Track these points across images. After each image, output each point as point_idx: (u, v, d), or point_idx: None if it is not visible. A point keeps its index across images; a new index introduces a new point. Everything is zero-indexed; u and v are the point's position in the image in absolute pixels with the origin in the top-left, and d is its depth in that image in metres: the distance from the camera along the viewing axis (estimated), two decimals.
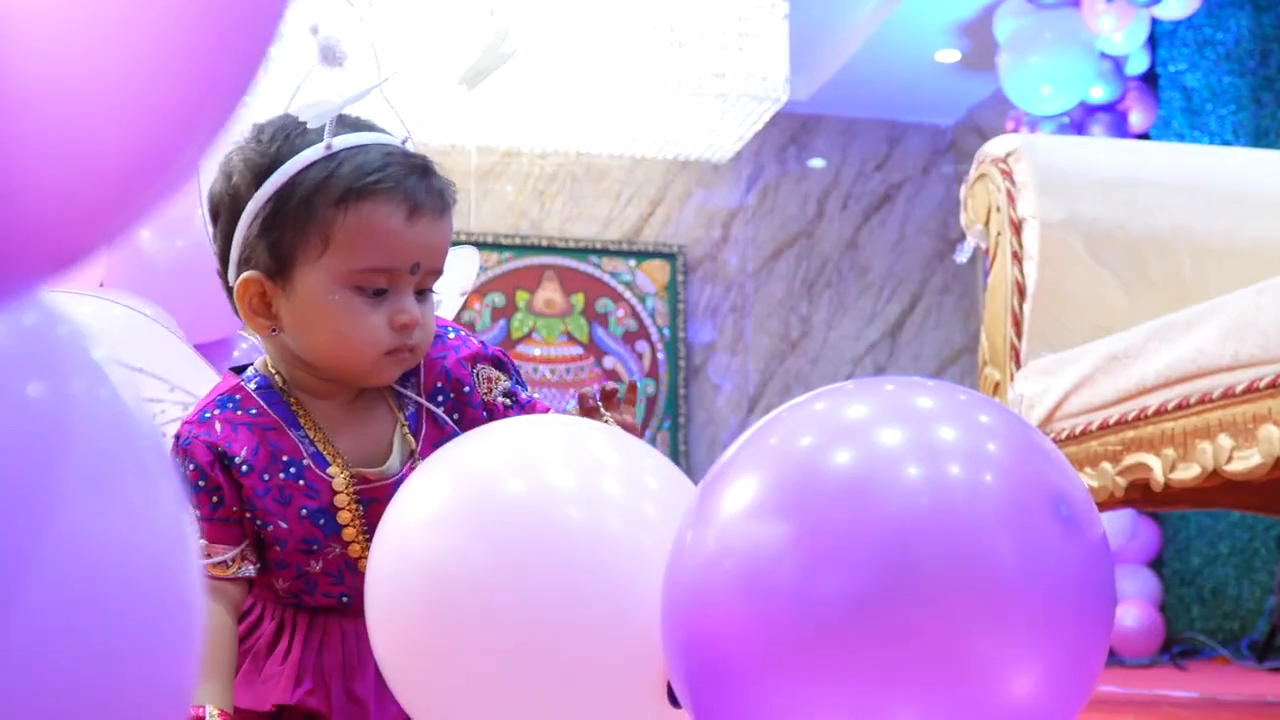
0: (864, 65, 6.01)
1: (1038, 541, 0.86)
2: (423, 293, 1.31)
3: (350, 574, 1.34)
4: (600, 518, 1.09)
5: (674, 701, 1.03)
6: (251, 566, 1.32)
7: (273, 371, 1.36)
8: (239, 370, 1.39)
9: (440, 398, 1.38)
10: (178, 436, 1.31)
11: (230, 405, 1.33)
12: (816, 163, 6.65)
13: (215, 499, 1.29)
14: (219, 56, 0.40)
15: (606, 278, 6.27)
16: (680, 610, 0.94)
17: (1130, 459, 2.21)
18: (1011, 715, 0.84)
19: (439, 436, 1.36)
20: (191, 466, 1.29)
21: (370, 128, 1.31)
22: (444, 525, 1.10)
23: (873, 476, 0.86)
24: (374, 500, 1.33)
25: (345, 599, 1.35)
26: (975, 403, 0.94)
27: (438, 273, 1.32)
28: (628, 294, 6.28)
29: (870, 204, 6.68)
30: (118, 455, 0.52)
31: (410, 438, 1.36)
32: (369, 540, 1.32)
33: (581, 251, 6.26)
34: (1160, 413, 2.13)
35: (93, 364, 0.56)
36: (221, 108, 0.41)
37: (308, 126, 1.26)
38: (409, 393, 1.37)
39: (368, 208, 1.25)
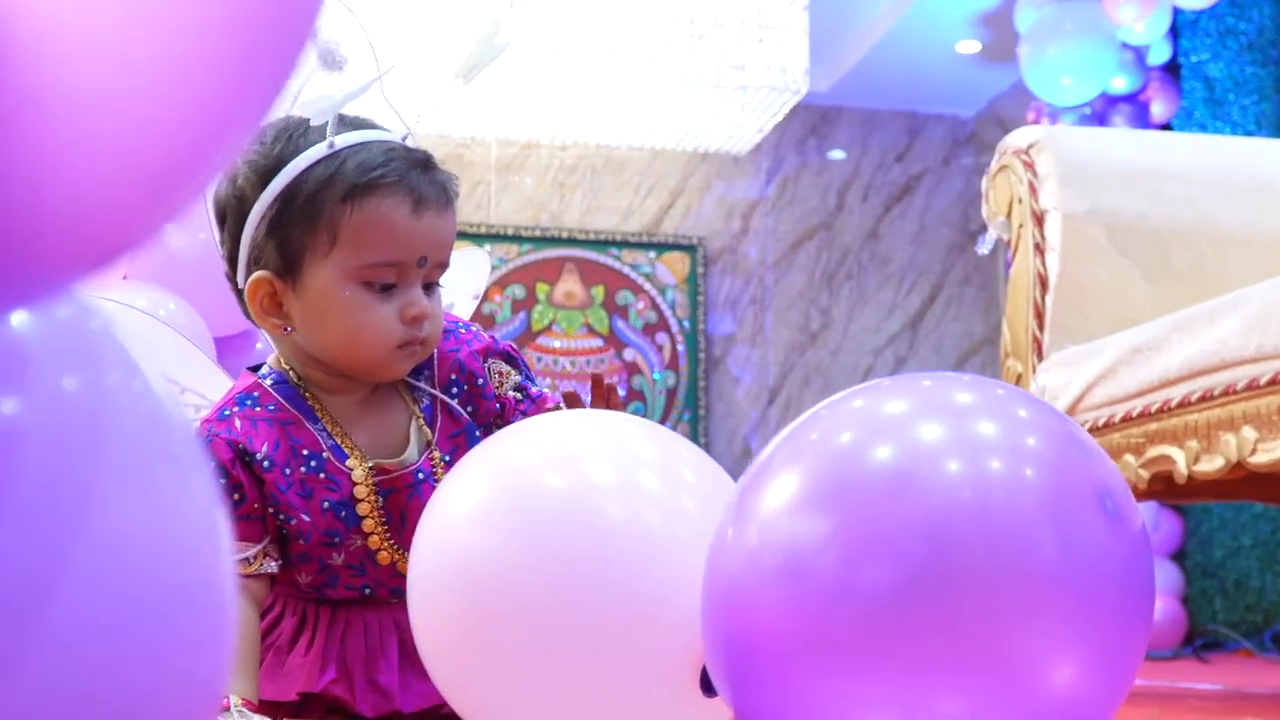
0: (884, 56, 5.99)
1: (1080, 535, 0.86)
2: (430, 286, 1.33)
3: (371, 565, 1.35)
4: (639, 512, 1.09)
5: (706, 690, 1.04)
6: (273, 563, 1.33)
7: (287, 368, 1.37)
8: (255, 369, 1.40)
9: (454, 390, 1.40)
10: (198, 434, 1.32)
11: (249, 402, 1.34)
12: (837, 154, 6.64)
13: (236, 496, 1.30)
14: (253, 58, 0.40)
15: (626, 270, 6.27)
16: (722, 604, 0.95)
17: (1153, 451, 2.21)
18: (1053, 708, 0.85)
19: (454, 428, 1.39)
20: (212, 464, 1.29)
21: (371, 126, 1.33)
22: (484, 521, 1.11)
23: (914, 471, 0.87)
24: (392, 490, 1.35)
25: (367, 590, 1.36)
26: (1013, 397, 0.94)
27: (444, 266, 1.34)
28: (648, 286, 6.28)
29: (891, 195, 6.67)
30: (152, 448, 0.53)
31: (426, 429, 1.38)
32: (387, 530, 1.34)
33: (601, 243, 6.26)
34: (1183, 405, 2.13)
35: (125, 356, 0.56)
36: (255, 108, 0.41)
37: (311, 123, 1.28)
38: (423, 385, 1.39)
39: (373, 202, 1.26)
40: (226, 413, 1.33)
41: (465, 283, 1.97)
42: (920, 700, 0.84)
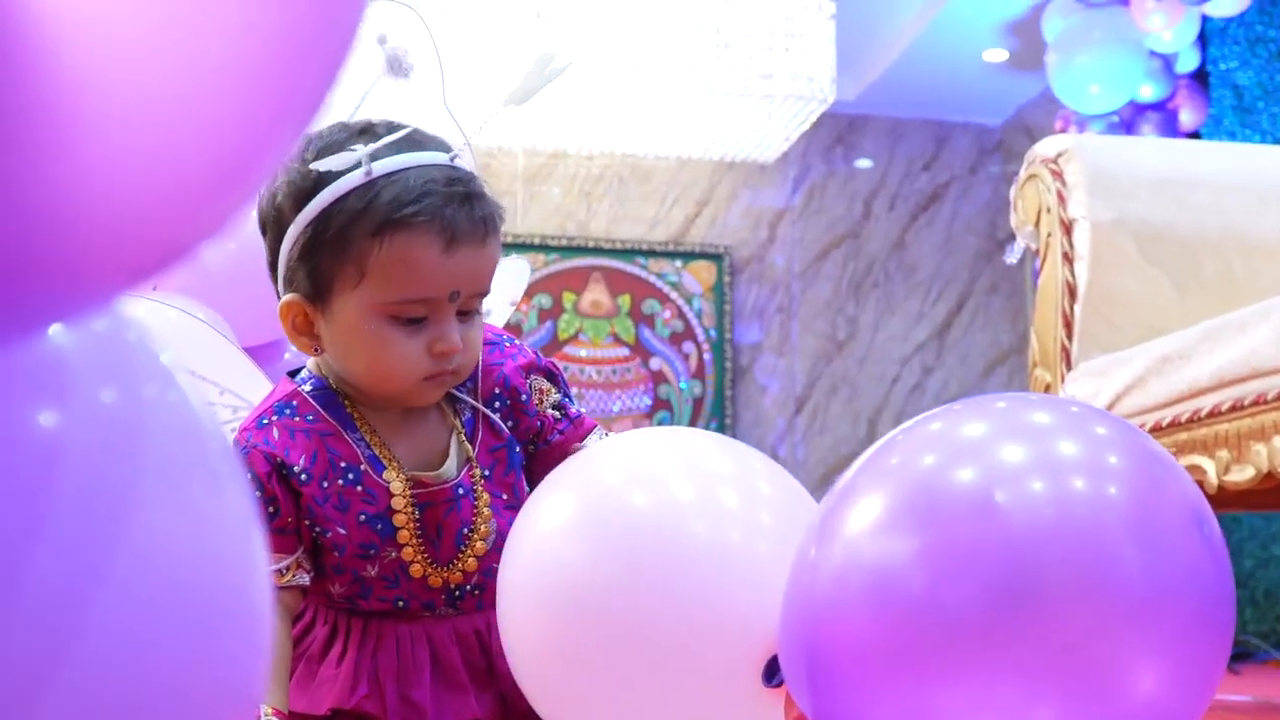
0: (911, 65, 5.99)
1: (1163, 549, 0.88)
2: (467, 313, 1.30)
3: (404, 578, 1.33)
4: (720, 529, 1.15)
5: (769, 679, 1.09)
6: (306, 575, 1.32)
7: (326, 374, 1.36)
8: (294, 374, 1.39)
9: (497, 404, 1.38)
10: (236, 444, 1.31)
11: (288, 411, 1.33)
12: (863, 163, 6.63)
13: (271, 509, 1.29)
14: (296, 69, 0.40)
15: (653, 279, 6.27)
16: (806, 623, 0.97)
17: (1183, 461, 2.20)
18: None
19: (495, 442, 1.37)
20: (249, 477, 1.29)
21: (418, 145, 1.28)
22: (573, 538, 1.16)
23: (997, 491, 0.89)
24: (430, 504, 1.33)
25: (400, 603, 1.35)
26: (1089, 415, 0.96)
27: (482, 294, 1.31)
28: (674, 295, 6.28)
29: (917, 204, 6.66)
30: (189, 459, 0.53)
31: (466, 444, 1.36)
32: (422, 544, 1.33)
33: (628, 253, 6.26)
34: (1214, 414, 2.12)
35: (161, 368, 0.57)
36: (296, 120, 0.41)
37: (354, 143, 1.25)
38: (465, 398, 1.37)
39: (404, 239, 1.23)
40: (265, 421, 1.32)
41: (504, 290, 1.96)
42: (1006, 716, 0.85)
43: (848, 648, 0.92)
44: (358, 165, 1.23)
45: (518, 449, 1.39)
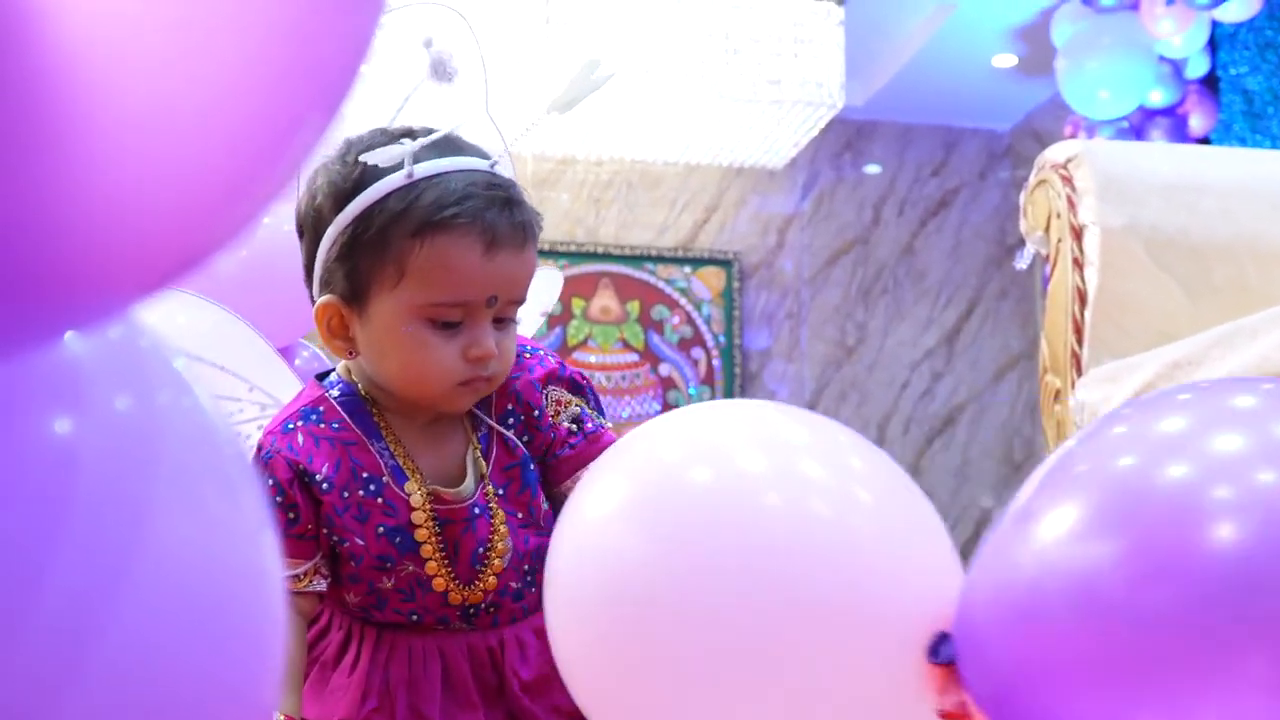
0: (920, 71, 5.98)
1: None
2: (503, 320, 1.29)
3: (420, 592, 1.33)
4: (802, 501, 1.00)
5: (936, 656, 1.00)
6: (323, 581, 1.32)
7: (356, 380, 1.35)
8: (321, 377, 1.38)
9: (510, 420, 1.36)
10: (260, 447, 1.31)
11: (314, 417, 1.33)
12: (872, 169, 6.63)
13: (291, 515, 1.29)
14: (312, 75, 0.40)
15: (662, 285, 6.27)
16: (996, 634, 0.93)
17: None
18: None
19: (509, 460, 1.35)
20: (271, 482, 1.28)
21: (460, 150, 1.28)
22: (625, 523, 1.04)
23: (1201, 489, 0.85)
24: (449, 521, 1.32)
25: (414, 616, 1.34)
26: None
27: (518, 302, 1.30)
28: (683, 301, 6.28)
29: (926, 210, 6.65)
30: (203, 466, 0.53)
31: (481, 461, 1.35)
32: (446, 560, 1.32)
33: (637, 259, 6.26)
34: None
35: (175, 374, 0.57)
36: (312, 126, 0.41)
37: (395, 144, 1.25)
38: (481, 414, 1.36)
39: (444, 241, 1.23)
40: (290, 426, 1.32)
41: (536, 300, 1.94)
42: None
43: (1049, 659, 0.88)
44: (402, 165, 1.23)
45: (532, 466, 1.37)
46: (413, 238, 1.23)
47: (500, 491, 1.35)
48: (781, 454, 1.03)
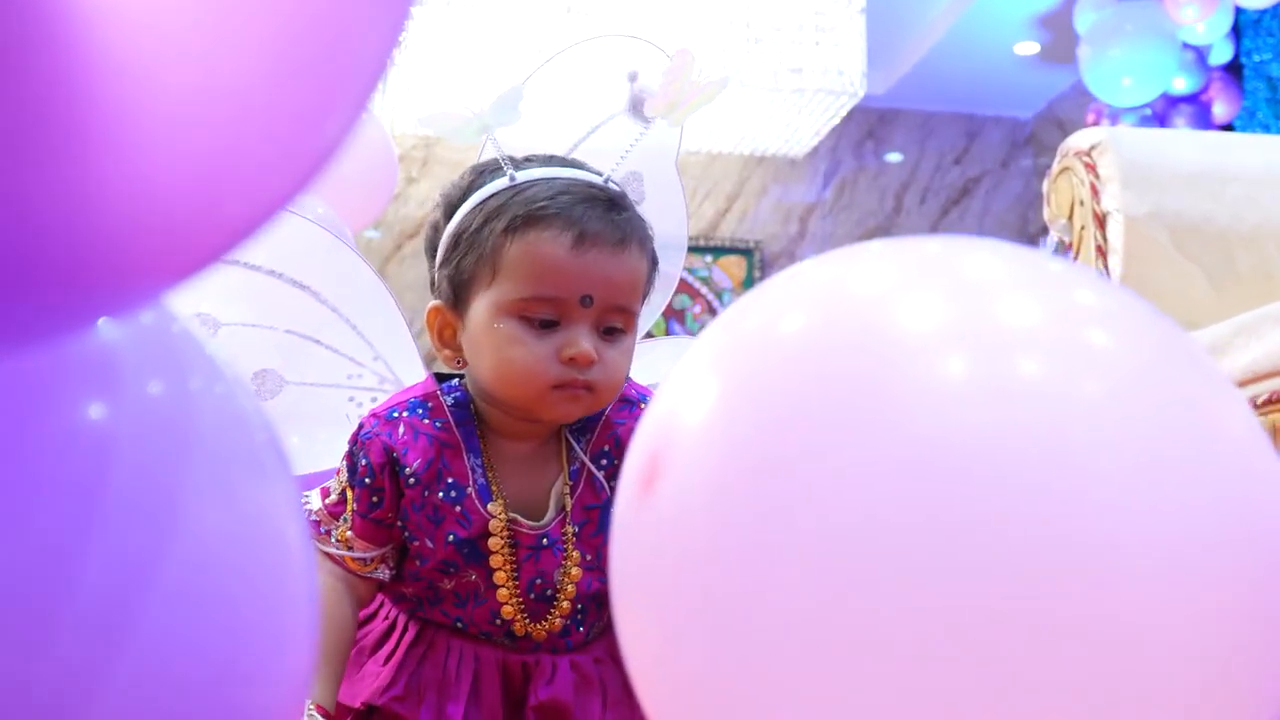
0: (942, 59, 5.96)
1: None
2: (612, 332, 1.27)
3: (475, 604, 1.32)
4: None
5: None
6: (386, 571, 1.31)
7: (474, 393, 1.34)
8: (440, 377, 1.38)
9: (604, 461, 1.34)
10: (361, 425, 1.31)
11: (420, 411, 1.32)
12: (894, 157, 6.61)
13: (375, 499, 1.29)
14: (342, 67, 0.41)
15: (684, 273, 6.26)
16: None
17: None
18: None
19: (593, 500, 1.33)
20: (364, 462, 1.29)
21: (569, 165, 1.30)
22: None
23: None
24: (516, 545, 1.31)
25: (459, 624, 1.33)
26: None
27: (623, 311, 1.27)
28: (705, 290, 6.27)
29: (949, 198, 6.63)
30: (236, 452, 0.54)
31: (567, 496, 1.33)
32: (517, 584, 1.30)
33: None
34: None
35: (208, 359, 0.57)
36: (342, 114, 0.42)
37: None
38: (579, 448, 1.34)
39: (533, 234, 1.23)
40: (394, 415, 1.32)
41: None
42: None
43: None
44: (508, 165, 1.26)
45: (612, 512, 1.35)
46: (505, 233, 1.23)
47: (577, 530, 1.33)
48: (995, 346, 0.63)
